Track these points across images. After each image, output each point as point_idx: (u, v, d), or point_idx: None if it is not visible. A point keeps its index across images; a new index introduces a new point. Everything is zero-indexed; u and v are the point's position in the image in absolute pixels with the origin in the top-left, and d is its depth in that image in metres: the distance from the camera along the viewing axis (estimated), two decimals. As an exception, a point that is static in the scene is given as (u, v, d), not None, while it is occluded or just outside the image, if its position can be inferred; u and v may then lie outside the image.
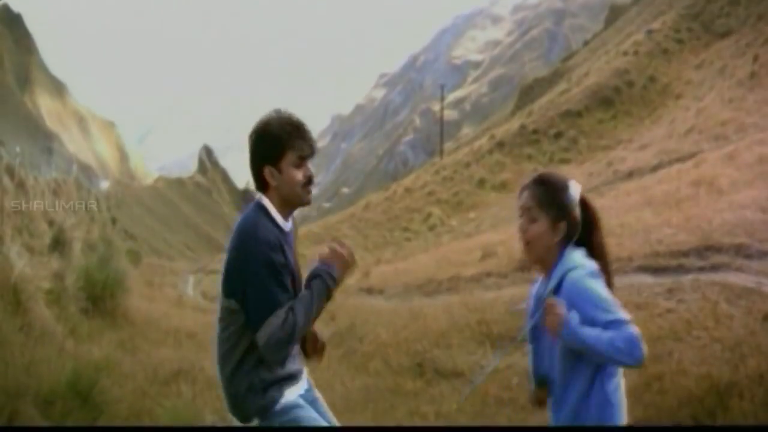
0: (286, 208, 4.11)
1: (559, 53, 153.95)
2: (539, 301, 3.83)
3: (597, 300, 3.54)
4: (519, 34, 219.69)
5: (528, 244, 3.79)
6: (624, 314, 3.53)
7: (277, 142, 4.02)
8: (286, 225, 4.11)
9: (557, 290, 3.64)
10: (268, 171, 4.02)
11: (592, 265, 3.68)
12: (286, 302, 3.87)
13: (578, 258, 3.70)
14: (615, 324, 3.49)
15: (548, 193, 3.79)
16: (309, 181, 4.09)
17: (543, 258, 3.79)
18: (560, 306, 3.54)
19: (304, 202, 4.13)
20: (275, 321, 3.79)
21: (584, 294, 3.55)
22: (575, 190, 3.84)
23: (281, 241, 3.99)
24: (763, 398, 5.96)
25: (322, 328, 4.32)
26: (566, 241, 3.79)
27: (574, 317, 3.51)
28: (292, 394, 4.11)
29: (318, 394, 4.40)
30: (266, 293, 3.85)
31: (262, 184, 4.08)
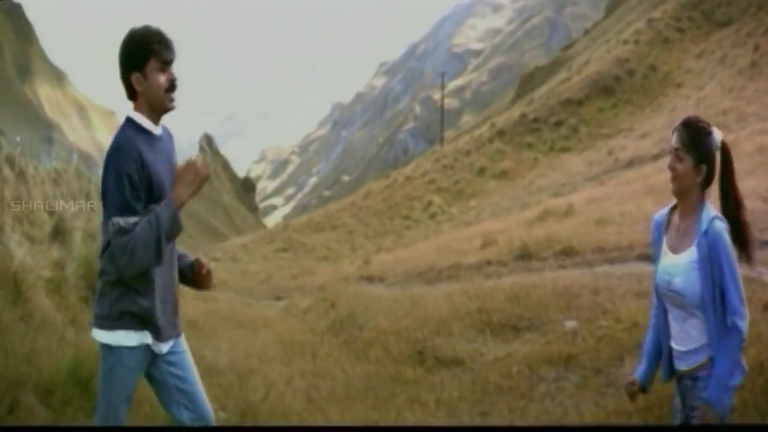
0: (154, 114, 4.33)
1: (559, 42, 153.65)
2: (658, 227, 4.51)
3: (732, 264, 4.12)
4: (519, 22, 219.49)
5: (675, 179, 4.24)
6: (742, 302, 4.19)
7: (140, 49, 4.22)
8: (156, 129, 4.35)
9: (705, 233, 4.14)
10: (134, 78, 4.22)
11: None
12: (133, 212, 4.06)
13: (716, 212, 4.23)
14: (730, 307, 4.15)
15: (693, 136, 4.23)
16: (171, 85, 4.30)
17: (685, 193, 4.26)
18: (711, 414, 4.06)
19: (167, 107, 4.35)
20: (118, 224, 4.02)
21: (725, 249, 4.10)
22: (718, 136, 4.24)
23: (144, 147, 4.19)
24: (763, 387, 5.96)
25: (321, 316, 4.34)
26: (706, 184, 4.26)
27: (717, 399, 4.06)
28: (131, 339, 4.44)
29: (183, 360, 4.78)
30: (114, 198, 4.06)
31: (131, 92, 4.27)
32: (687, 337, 4.27)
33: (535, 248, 14.19)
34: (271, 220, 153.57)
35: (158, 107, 4.31)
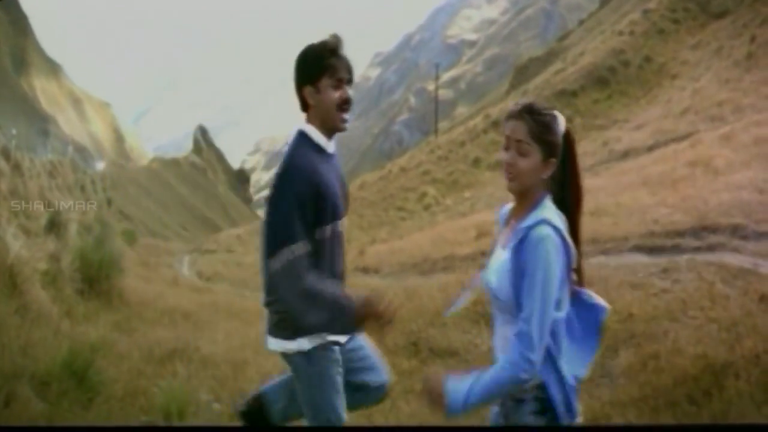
0: (325, 130, 4.32)
1: (554, 32, 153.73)
2: (502, 220, 3.76)
3: (545, 285, 3.26)
4: (514, 13, 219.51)
5: (516, 177, 3.47)
6: (533, 346, 3.24)
7: (316, 63, 4.24)
8: (329, 146, 4.35)
9: (526, 232, 3.36)
10: (307, 91, 4.25)
11: (561, 236, 3.35)
12: (304, 236, 4.04)
13: (551, 213, 3.42)
14: (519, 341, 3.27)
15: (541, 125, 3.45)
16: (345, 102, 4.28)
17: (526, 192, 3.51)
18: (437, 383, 3.42)
19: (338, 127, 4.33)
20: (288, 255, 3.98)
21: (539, 259, 3.28)
22: (562, 123, 3.55)
23: (319, 165, 4.21)
24: (759, 378, 5.97)
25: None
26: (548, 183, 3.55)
27: (455, 391, 3.36)
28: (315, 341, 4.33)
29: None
30: (285, 223, 4.03)
31: (303, 105, 4.31)
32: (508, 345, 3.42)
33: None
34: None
35: (329, 125, 4.32)
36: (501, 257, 3.49)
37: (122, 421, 6.57)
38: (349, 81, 4.34)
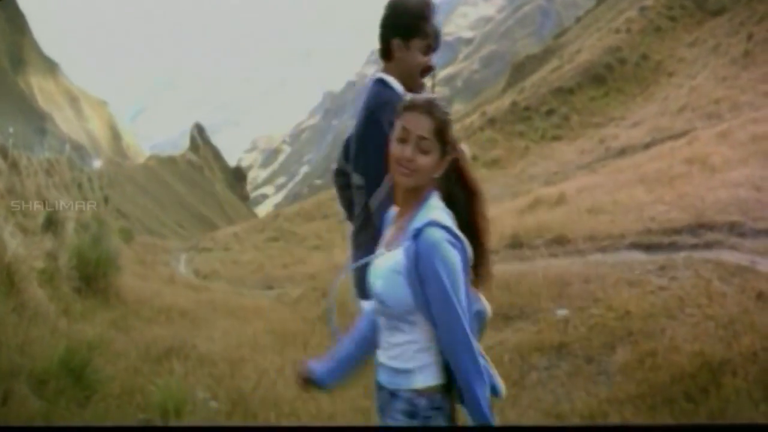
0: (402, 85, 4.31)
1: (551, 30, 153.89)
2: (390, 217, 3.58)
3: (450, 272, 3.13)
4: (511, 10, 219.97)
5: (413, 174, 3.27)
6: (463, 311, 3.18)
7: (413, 21, 4.25)
8: (407, 95, 4.03)
9: (415, 236, 3.16)
10: (396, 42, 4.28)
11: (453, 235, 3.19)
12: None
13: (441, 213, 3.25)
14: (449, 315, 3.15)
15: (443, 123, 3.33)
16: (429, 69, 4.39)
17: (414, 189, 3.32)
18: None
19: (415, 88, 4.30)
20: (385, 189, 4.03)
21: (440, 264, 3.11)
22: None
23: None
24: (756, 376, 5.97)
25: (313, 305, 4.34)
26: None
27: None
28: None
29: None
30: (382, 156, 3.75)
31: (386, 54, 4.35)
32: (394, 352, 3.36)
33: (526, 237, 14.17)
34: (263, 210, 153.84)
35: (407, 83, 4.33)
36: (388, 260, 3.30)
37: (119, 419, 6.57)
38: (435, 49, 4.38)
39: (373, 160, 4.03)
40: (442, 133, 3.30)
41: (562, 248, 13.08)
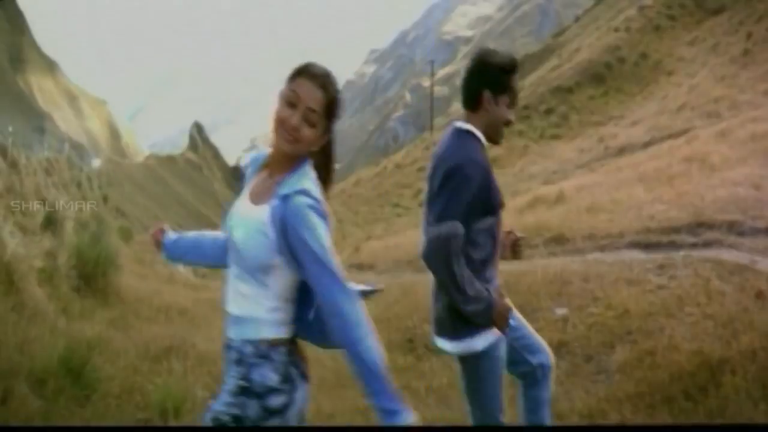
0: (485, 137, 4.41)
1: (550, 29, 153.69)
2: (255, 165, 3.56)
3: (318, 237, 3.17)
4: (510, 9, 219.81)
5: (296, 142, 3.26)
6: (339, 271, 3.22)
7: (505, 77, 4.32)
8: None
9: (284, 199, 3.19)
10: (487, 95, 4.30)
11: (323, 205, 3.25)
12: (468, 223, 4.15)
13: (312, 184, 3.27)
14: (326, 277, 3.20)
15: (334, 103, 3.34)
16: (508, 123, 4.41)
17: (292, 159, 3.32)
18: None
19: (497, 140, 4.47)
20: (447, 229, 4.08)
21: (307, 224, 3.16)
22: None
23: (488, 164, 4.35)
24: (755, 375, 5.97)
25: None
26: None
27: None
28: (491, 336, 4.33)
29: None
30: (457, 206, 4.12)
31: (474, 105, 4.37)
32: (240, 300, 3.34)
33: (525, 235, 14.21)
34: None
35: (490, 135, 4.41)
36: (251, 213, 3.30)
37: (119, 418, 6.57)
38: (515, 105, 4.45)
39: (453, 205, 4.14)
40: (330, 109, 3.31)
41: (561, 247, 13.11)
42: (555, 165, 35.03)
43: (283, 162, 3.33)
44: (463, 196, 4.11)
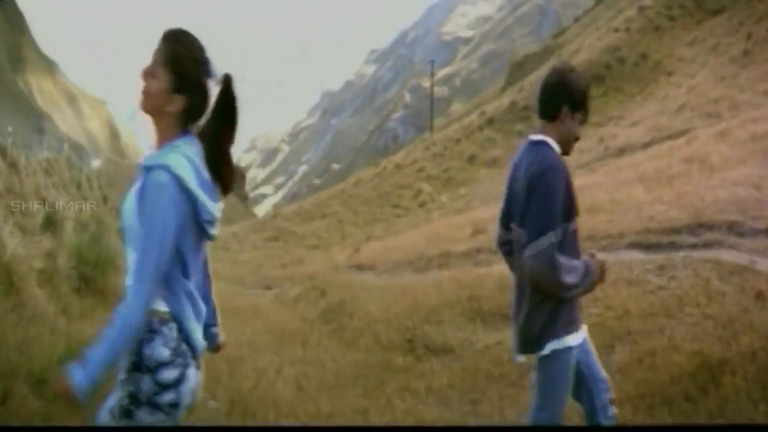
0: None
1: (550, 29, 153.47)
2: None
3: (150, 217, 3.19)
4: (510, 9, 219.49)
5: (145, 95, 3.29)
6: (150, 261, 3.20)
7: (584, 97, 4.57)
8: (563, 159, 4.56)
9: (145, 171, 3.23)
10: (566, 110, 4.50)
11: (181, 186, 3.20)
12: (558, 228, 4.33)
13: (178, 158, 3.25)
14: (136, 262, 3.25)
15: (177, 58, 3.30)
16: (576, 139, 4.62)
17: (158, 117, 3.35)
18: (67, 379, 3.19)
19: (568, 152, 4.61)
20: (545, 242, 4.25)
21: (148, 199, 3.19)
22: (215, 70, 3.44)
23: (568, 170, 4.50)
24: (755, 375, 5.97)
25: (311, 305, 4.35)
26: (186, 123, 3.40)
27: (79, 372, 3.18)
28: (572, 341, 4.55)
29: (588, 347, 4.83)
30: (548, 216, 4.30)
31: (551, 117, 4.55)
32: (129, 271, 3.37)
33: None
34: (261, 209, 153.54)
35: (563, 147, 4.56)
36: (135, 185, 3.34)
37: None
38: (585, 123, 4.67)
39: (545, 218, 4.31)
40: (173, 63, 3.29)
41: (561, 247, 13.09)
42: (555, 165, 34.97)
43: (158, 136, 3.37)
44: (552, 204, 4.30)
